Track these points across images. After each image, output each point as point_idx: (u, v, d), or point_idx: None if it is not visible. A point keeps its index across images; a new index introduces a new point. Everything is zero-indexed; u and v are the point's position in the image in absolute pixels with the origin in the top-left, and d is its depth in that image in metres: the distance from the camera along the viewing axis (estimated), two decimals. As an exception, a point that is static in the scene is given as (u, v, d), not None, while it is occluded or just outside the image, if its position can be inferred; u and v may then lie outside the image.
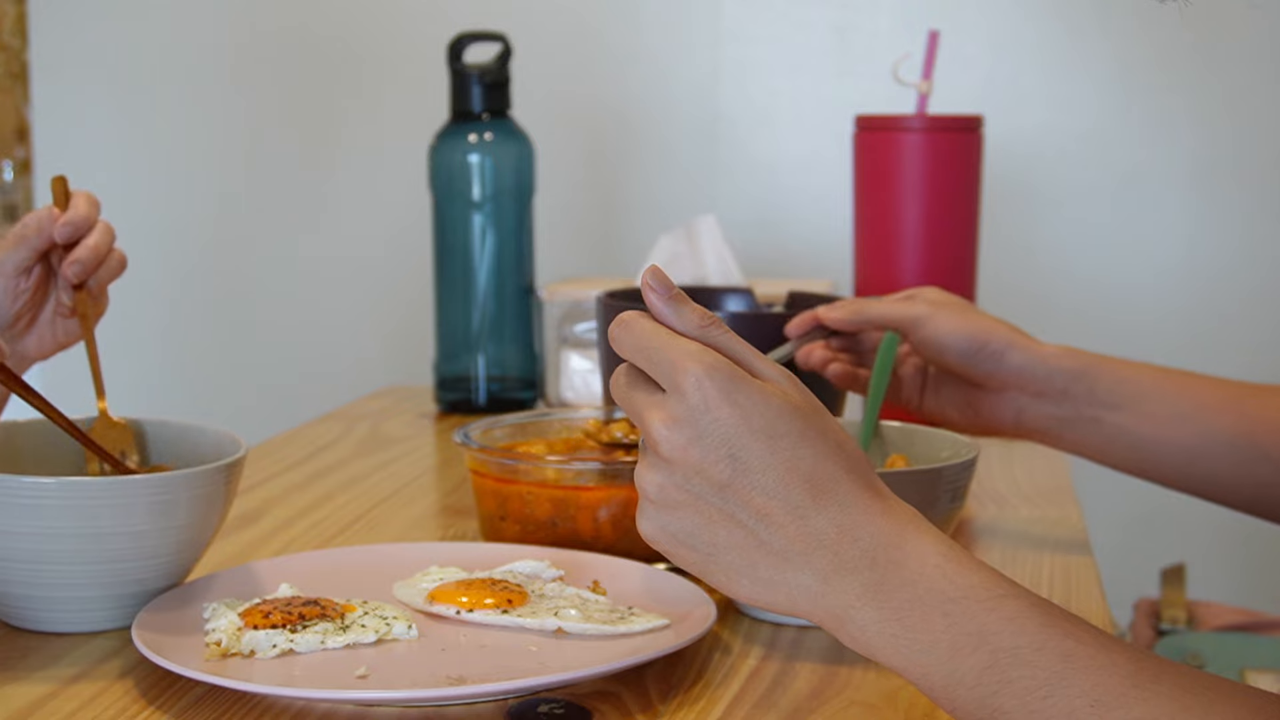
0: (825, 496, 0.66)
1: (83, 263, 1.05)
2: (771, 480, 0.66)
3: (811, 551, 0.66)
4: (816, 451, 0.67)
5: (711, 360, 0.67)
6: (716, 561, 0.67)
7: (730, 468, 0.66)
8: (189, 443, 0.99)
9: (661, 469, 0.67)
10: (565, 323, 1.57)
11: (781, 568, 0.66)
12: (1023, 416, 1.09)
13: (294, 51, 2.25)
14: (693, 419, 0.66)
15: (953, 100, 1.74)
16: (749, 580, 0.67)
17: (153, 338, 2.28)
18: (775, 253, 2.14)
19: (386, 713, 0.76)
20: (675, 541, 0.68)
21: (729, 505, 0.66)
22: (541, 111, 1.79)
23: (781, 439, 0.66)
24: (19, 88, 3.31)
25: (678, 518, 0.67)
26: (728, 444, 0.66)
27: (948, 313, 1.10)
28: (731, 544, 0.67)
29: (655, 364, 0.68)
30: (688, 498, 0.67)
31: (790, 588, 0.67)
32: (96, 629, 0.87)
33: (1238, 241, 2.10)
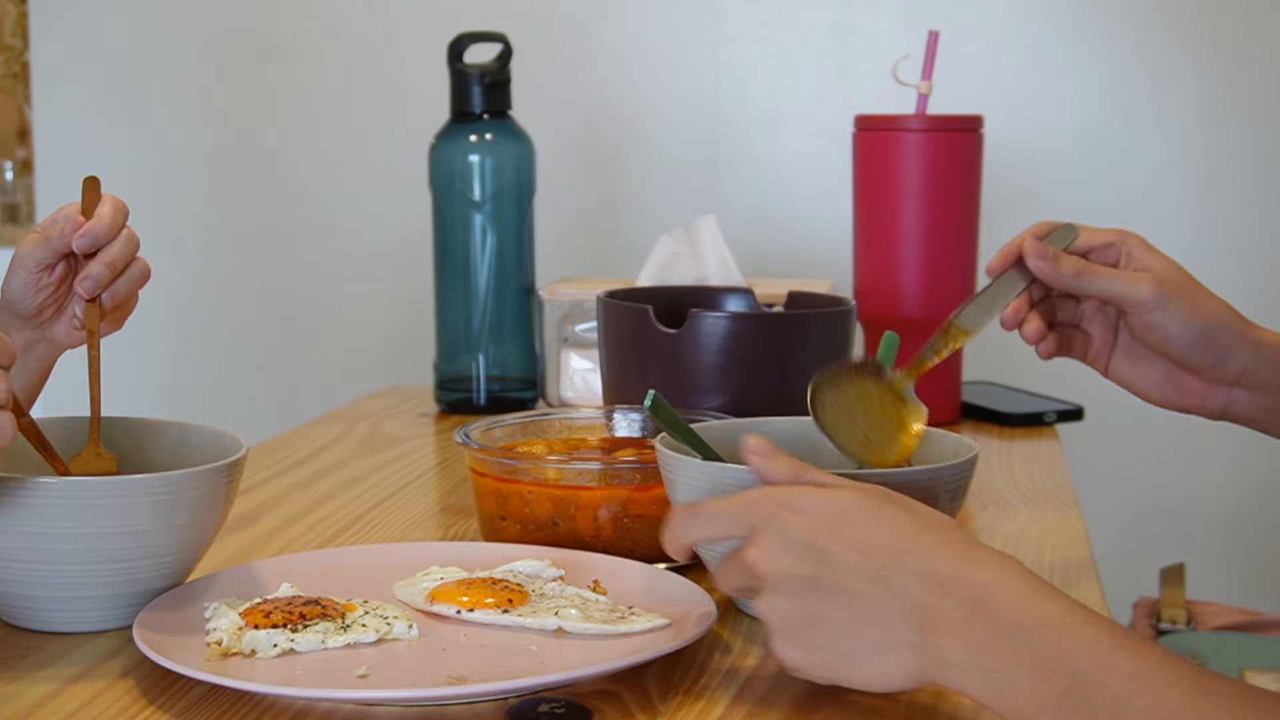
0: (906, 558, 0.71)
1: (95, 279, 1.02)
2: (852, 559, 0.72)
3: (905, 610, 0.71)
4: (889, 523, 0.73)
5: (768, 489, 0.76)
6: (835, 654, 0.72)
7: (814, 560, 0.72)
8: (189, 443, 0.99)
9: (767, 591, 0.73)
10: (565, 323, 1.57)
11: (885, 635, 0.71)
12: (1232, 406, 1.02)
13: (294, 51, 2.25)
14: (771, 534, 0.73)
15: (953, 100, 1.74)
16: (864, 660, 0.72)
17: (153, 337, 2.28)
18: (775, 253, 2.14)
19: (387, 712, 0.76)
20: (805, 652, 0.73)
21: (824, 595, 0.72)
22: (541, 111, 1.79)
23: (851, 523, 0.73)
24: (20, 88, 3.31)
25: (794, 627, 0.73)
26: (806, 542, 0.73)
27: (1178, 299, 0.99)
28: (839, 630, 0.72)
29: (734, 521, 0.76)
30: (793, 602, 0.73)
31: (899, 652, 0.71)
32: (97, 628, 0.87)
33: (1238, 241, 2.10)
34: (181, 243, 2.28)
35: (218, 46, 2.28)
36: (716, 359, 1.15)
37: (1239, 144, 2.09)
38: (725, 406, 1.13)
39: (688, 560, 0.84)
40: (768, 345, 1.14)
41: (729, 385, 1.14)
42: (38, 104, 2.34)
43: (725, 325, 1.15)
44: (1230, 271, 2.10)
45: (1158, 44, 2.08)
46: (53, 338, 1.13)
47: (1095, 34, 2.09)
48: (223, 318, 2.31)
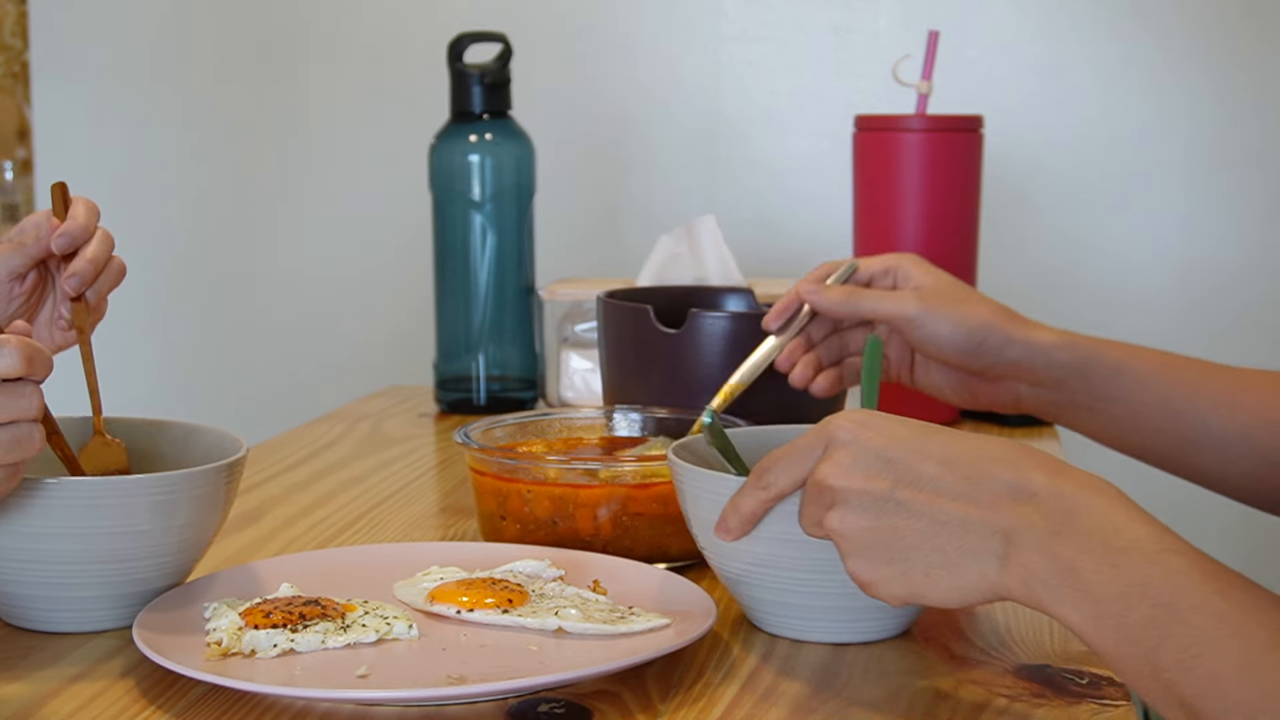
0: (992, 468, 0.70)
1: (80, 275, 1.03)
2: (931, 469, 0.71)
3: (990, 521, 0.69)
4: (972, 440, 0.72)
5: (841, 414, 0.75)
6: (914, 567, 0.71)
7: (890, 473, 0.72)
8: (190, 443, 0.99)
9: (839, 504, 0.73)
10: (565, 323, 1.57)
11: (968, 545, 0.70)
12: (1021, 401, 1.09)
13: (295, 51, 2.25)
14: (844, 450, 0.73)
15: (953, 100, 1.74)
16: (944, 573, 0.70)
17: (153, 338, 2.28)
18: (775, 253, 2.14)
19: (387, 712, 0.76)
20: (880, 567, 0.72)
21: (902, 509, 0.71)
22: (541, 111, 1.79)
23: (930, 438, 0.72)
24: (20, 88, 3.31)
25: (869, 542, 0.72)
26: (881, 455, 0.72)
27: (943, 309, 1.08)
28: (918, 542, 0.71)
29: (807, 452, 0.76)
30: (868, 517, 0.72)
31: (981, 564, 0.69)
32: (97, 628, 0.87)
33: (1237, 240, 2.10)
34: (181, 242, 2.28)
35: (218, 47, 2.28)
36: (716, 359, 1.15)
37: (1239, 144, 2.09)
38: (725, 406, 1.13)
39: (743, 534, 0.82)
40: (767, 345, 1.14)
41: (729, 385, 1.14)
42: (38, 104, 2.34)
43: (725, 325, 1.15)
44: (1229, 271, 2.10)
45: (1158, 44, 2.08)
46: None
47: (1096, 34, 2.09)
48: (223, 318, 2.31)
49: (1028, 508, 0.69)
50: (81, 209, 1.04)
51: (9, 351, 0.77)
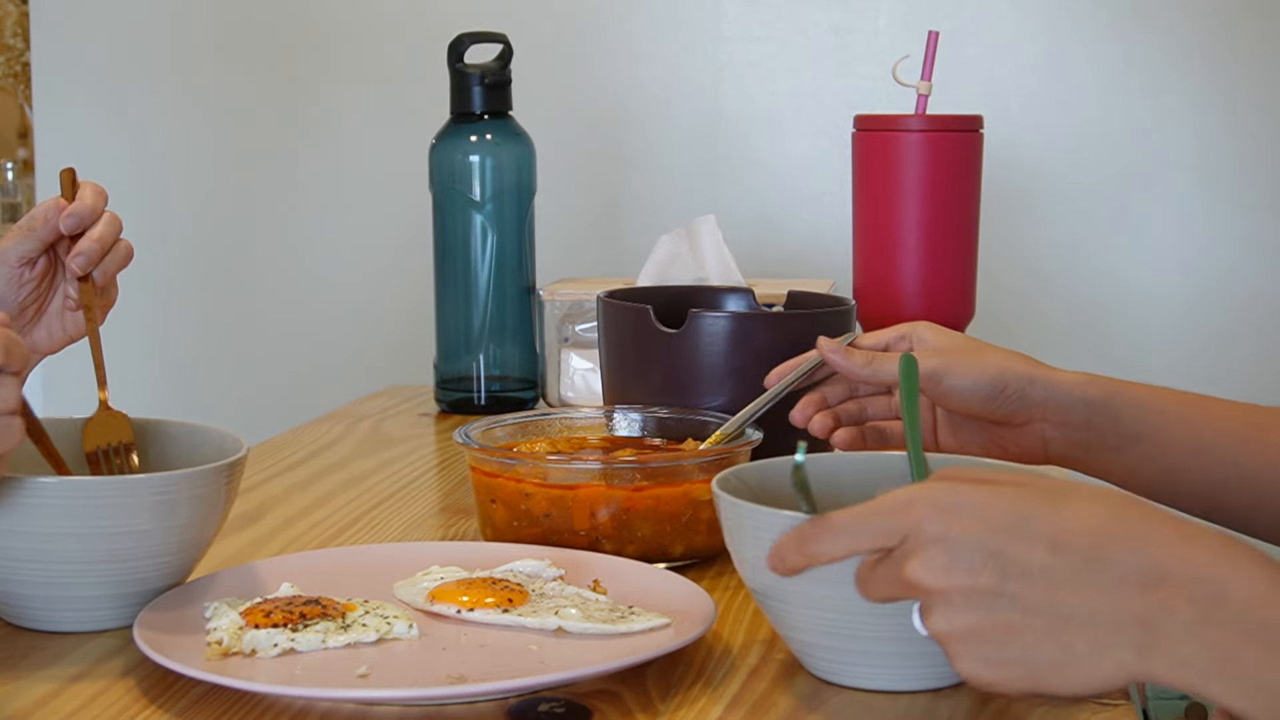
0: (1109, 548, 0.63)
1: (86, 254, 1.05)
2: (1042, 557, 0.64)
3: (1119, 607, 0.63)
4: (1078, 512, 0.64)
5: (922, 487, 0.66)
6: (1038, 665, 0.64)
7: (996, 566, 0.64)
8: (190, 442, 0.99)
9: (942, 606, 0.65)
10: (566, 323, 1.57)
11: (1097, 636, 0.63)
12: (1050, 447, 1.04)
13: (295, 51, 2.25)
14: (940, 546, 0.65)
15: (953, 100, 1.74)
16: (1074, 668, 0.64)
17: (152, 337, 2.28)
18: (775, 253, 2.14)
19: (387, 712, 0.76)
20: (995, 666, 0.65)
21: (1016, 604, 0.64)
22: (541, 111, 1.79)
23: (1031, 518, 0.64)
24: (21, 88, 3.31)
25: (984, 642, 0.65)
26: (982, 549, 0.64)
27: (962, 362, 1.03)
28: (1039, 639, 0.64)
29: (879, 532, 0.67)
30: (979, 617, 0.64)
31: (1117, 655, 0.63)
32: (98, 628, 0.87)
33: (1238, 241, 2.10)
34: (181, 241, 2.28)
35: (218, 47, 2.28)
36: (716, 359, 1.15)
37: (1238, 144, 2.09)
38: (725, 406, 1.13)
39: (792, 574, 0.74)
40: (768, 345, 1.14)
41: (729, 385, 1.14)
42: (38, 104, 2.34)
43: (725, 325, 1.15)
44: (1231, 270, 2.10)
45: (1158, 44, 2.08)
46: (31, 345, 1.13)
47: (1095, 34, 2.09)
48: (223, 317, 2.31)
49: (1162, 592, 0.62)
50: (89, 192, 1.07)
51: None
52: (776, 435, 1.07)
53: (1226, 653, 0.61)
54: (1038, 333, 2.10)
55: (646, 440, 1.13)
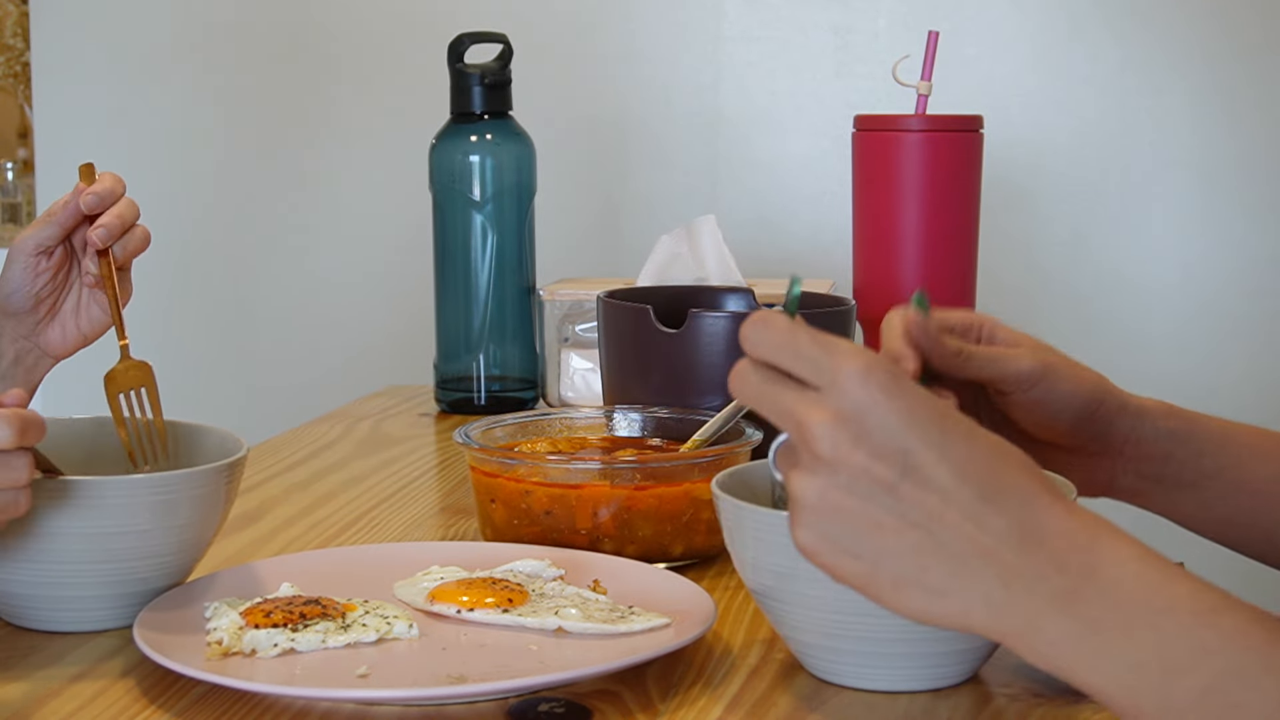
0: (1003, 496, 0.62)
1: (107, 227, 1.07)
2: (944, 478, 0.61)
3: (990, 555, 0.61)
4: (988, 449, 0.63)
5: (873, 356, 0.63)
6: (883, 571, 0.62)
7: (900, 466, 0.61)
8: (190, 442, 0.99)
9: (822, 472, 0.62)
10: (566, 323, 1.57)
11: (957, 573, 0.61)
12: (1118, 481, 0.94)
13: (295, 52, 2.25)
14: (859, 416, 0.61)
15: (953, 100, 1.74)
16: (919, 591, 0.62)
17: (153, 337, 2.28)
18: (775, 253, 2.14)
19: (387, 712, 0.76)
20: (838, 551, 0.63)
21: (899, 506, 0.61)
22: (541, 111, 1.79)
23: (952, 436, 0.62)
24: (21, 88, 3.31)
25: (841, 524, 0.62)
26: (896, 441, 0.61)
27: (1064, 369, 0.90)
28: (901, 549, 0.62)
29: (807, 360, 0.63)
30: (853, 501, 0.62)
31: (965, 598, 0.61)
32: (98, 628, 0.87)
33: (1238, 240, 2.10)
34: (181, 241, 2.28)
35: (218, 48, 2.28)
36: (716, 359, 1.15)
37: (1239, 144, 2.09)
38: (725, 407, 1.13)
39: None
40: (768, 345, 1.14)
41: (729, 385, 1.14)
42: (38, 104, 2.34)
43: (725, 325, 1.15)
44: (1231, 270, 2.10)
45: (1158, 44, 2.08)
46: (45, 344, 1.14)
47: (1095, 34, 2.09)
48: (223, 318, 2.31)
49: (1039, 555, 0.61)
50: (110, 177, 1.09)
51: (2, 425, 0.77)
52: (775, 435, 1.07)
53: (1087, 627, 0.60)
54: (1037, 333, 2.09)
55: (646, 440, 1.13)
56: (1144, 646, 0.59)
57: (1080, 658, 0.60)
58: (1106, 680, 0.60)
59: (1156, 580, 0.60)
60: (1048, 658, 0.61)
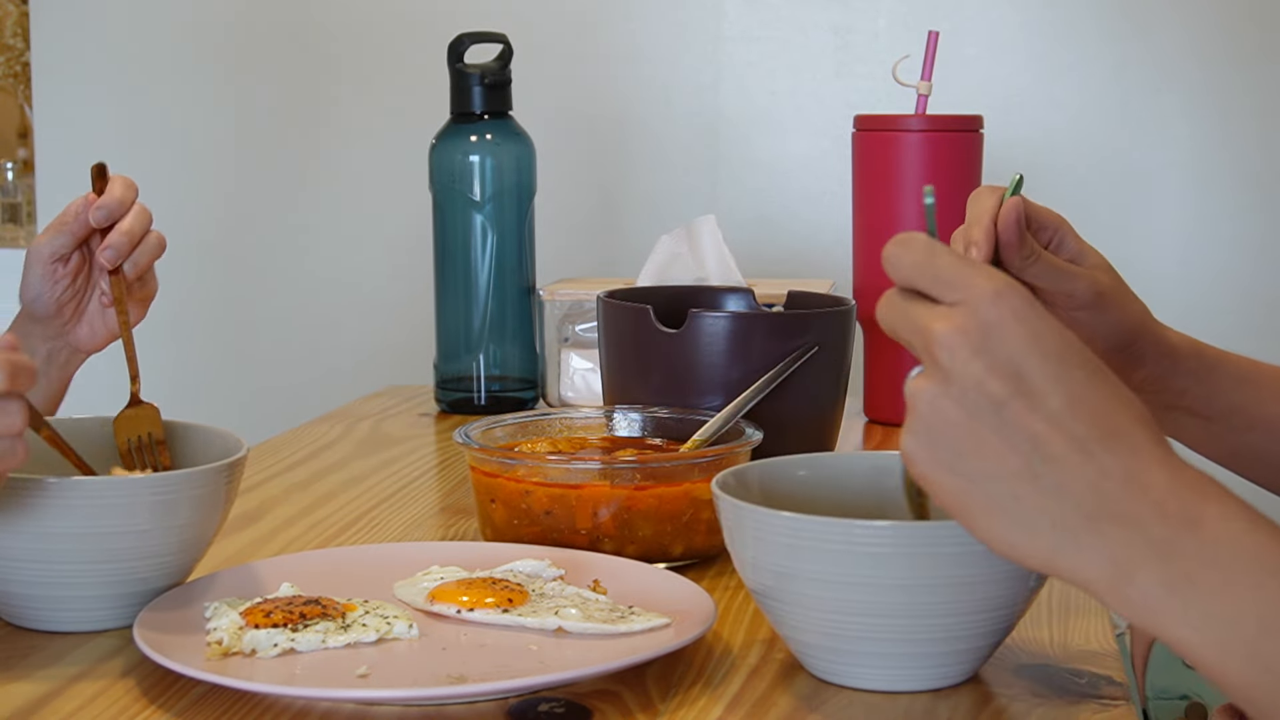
0: (1114, 438, 0.60)
1: (115, 247, 1.06)
2: (1056, 406, 0.60)
3: (1089, 493, 0.60)
4: (1108, 390, 0.61)
5: (1008, 280, 0.62)
6: (977, 492, 0.61)
7: (1013, 385, 0.61)
8: (191, 442, 0.99)
9: (938, 379, 0.62)
10: (566, 323, 1.57)
11: (1050, 508, 0.60)
12: None
13: (295, 52, 2.25)
14: (982, 331, 0.61)
15: (953, 100, 1.74)
16: (1009, 520, 0.61)
17: (153, 337, 2.28)
18: (775, 253, 2.14)
19: (387, 712, 0.76)
20: (938, 464, 0.62)
21: (1005, 427, 0.60)
22: (541, 111, 1.79)
23: (1074, 368, 0.61)
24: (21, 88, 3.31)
25: (947, 437, 0.62)
26: (1014, 361, 0.61)
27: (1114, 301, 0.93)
28: (1000, 473, 0.61)
29: (943, 279, 0.63)
30: (962, 415, 0.61)
31: (1055, 534, 0.60)
32: (98, 628, 0.87)
33: (1237, 241, 2.10)
34: (181, 242, 2.27)
35: (218, 47, 2.28)
36: (716, 359, 1.15)
37: (1238, 144, 2.09)
38: (725, 406, 1.13)
39: None
40: (768, 345, 1.14)
41: (729, 385, 1.14)
42: (38, 104, 2.34)
43: (725, 325, 1.15)
44: (1227, 271, 2.10)
45: (1158, 44, 2.08)
46: (74, 342, 1.14)
47: (1095, 34, 2.09)
48: (223, 318, 2.31)
49: (1143, 503, 0.60)
50: (119, 185, 1.08)
51: None
52: (775, 435, 1.07)
53: (1183, 578, 0.59)
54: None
55: (646, 440, 1.13)
56: (1242, 603, 0.58)
57: (1170, 609, 0.59)
58: (1195, 633, 0.59)
59: (1265, 540, 0.59)
60: (1134, 605, 0.60)
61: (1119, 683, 0.81)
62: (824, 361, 1.16)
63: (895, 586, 0.75)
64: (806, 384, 1.15)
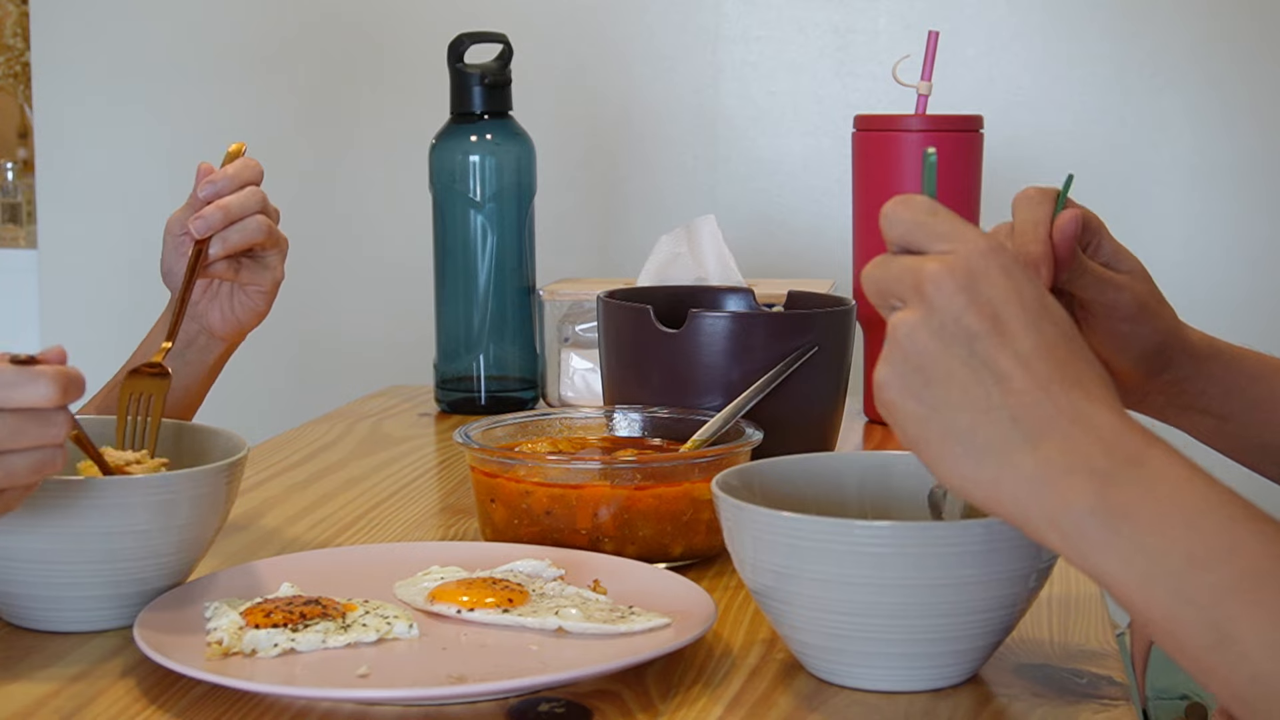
0: (1073, 385, 0.64)
1: (205, 219, 1.06)
2: (1026, 346, 0.64)
3: (1043, 427, 0.63)
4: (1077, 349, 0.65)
5: (999, 242, 0.66)
6: (936, 420, 0.65)
7: (989, 323, 0.64)
8: (191, 442, 0.99)
9: (921, 311, 0.66)
10: (566, 323, 1.57)
11: (1005, 438, 0.63)
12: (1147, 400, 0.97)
13: (294, 51, 2.25)
14: (970, 273, 0.65)
15: (953, 100, 1.74)
16: (963, 449, 0.64)
17: (153, 338, 2.28)
18: (775, 253, 2.14)
19: (387, 712, 0.76)
20: (905, 391, 0.66)
21: (974, 359, 0.64)
22: (541, 111, 1.79)
23: (1047, 320, 0.65)
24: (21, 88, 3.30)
25: (918, 365, 0.65)
26: (995, 304, 0.65)
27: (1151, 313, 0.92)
28: (961, 402, 0.64)
29: (938, 233, 0.67)
30: (936, 345, 0.65)
31: (1005, 464, 0.63)
32: (98, 628, 0.87)
33: (1237, 240, 2.10)
34: (182, 243, 2.28)
35: (218, 47, 2.28)
36: (716, 359, 1.15)
37: (1238, 144, 2.09)
38: (725, 407, 1.13)
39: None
40: (768, 345, 1.14)
41: (729, 385, 1.14)
42: (38, 104, 2.34)
43: (725, 325, 1.15)
44: (1228, 271, 2.10)
45: (1158, 44, 2.08)
46: (210, 326, 1.14)
47: (1095, 34, 2.09)
48: (223, 318, 2.31)
49: (1088, 437, 0.62)
50: (237, 164, 1.08)
51: (44, 383, 0.77)
52: (775, 435, 1.07)
53: (1119, 509, 0.61)
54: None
55: (646, 440, 1.13)
56: (1172, 537, 0.60)
57: (1101, 539, 0.61)
58: (1123, 565, 0.60)
59: (1203, 484, 0.61)
60: (1067, 534, 0.62)
61: (1119, 683, 0.81)
62: (824, 361, 1.16)
63: (895, 586, 0.75)
64: (806, 384, 1.15)
